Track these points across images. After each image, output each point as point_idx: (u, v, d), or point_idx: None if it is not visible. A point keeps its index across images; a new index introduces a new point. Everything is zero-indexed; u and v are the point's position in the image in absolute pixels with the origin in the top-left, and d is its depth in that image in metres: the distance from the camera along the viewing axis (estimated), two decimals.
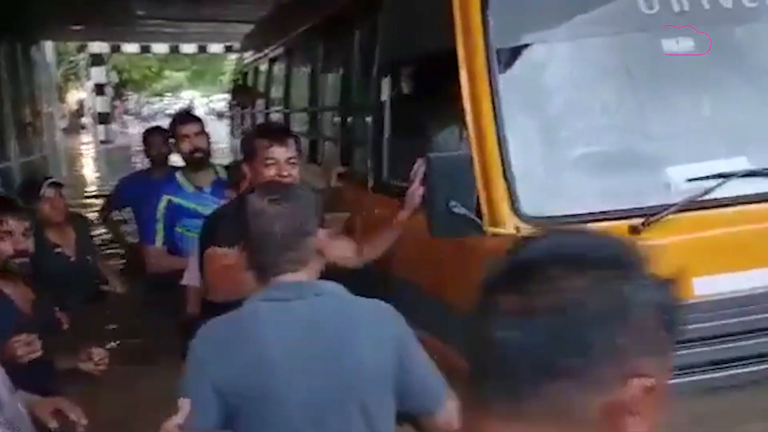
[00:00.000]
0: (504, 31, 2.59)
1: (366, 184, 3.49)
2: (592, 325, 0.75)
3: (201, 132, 3.81)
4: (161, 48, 22.48)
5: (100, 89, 22.40)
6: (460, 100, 2.65)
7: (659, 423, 0.77)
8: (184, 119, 3.94)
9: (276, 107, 6.22)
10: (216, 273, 2.68)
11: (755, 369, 2.39)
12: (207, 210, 3.32)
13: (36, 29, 13.31)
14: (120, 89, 31.57)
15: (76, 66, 25.35)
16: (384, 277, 3.06)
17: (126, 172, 4.64)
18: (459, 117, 2.78)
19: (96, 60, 22.06)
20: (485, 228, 2.38)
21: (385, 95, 3.32)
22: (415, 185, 2.88)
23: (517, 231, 2.37)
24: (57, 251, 3.97)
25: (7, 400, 1.97)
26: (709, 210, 2.45)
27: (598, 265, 0.78)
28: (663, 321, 0.80)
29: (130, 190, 4.80)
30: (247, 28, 15.35)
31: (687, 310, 2.23)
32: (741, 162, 2.53)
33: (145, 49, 22.45)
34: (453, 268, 2.61)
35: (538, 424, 0.75)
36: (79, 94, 28.05)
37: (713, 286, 2.38)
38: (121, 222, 5.32)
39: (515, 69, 2.61)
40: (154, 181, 4.24)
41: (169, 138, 4.05)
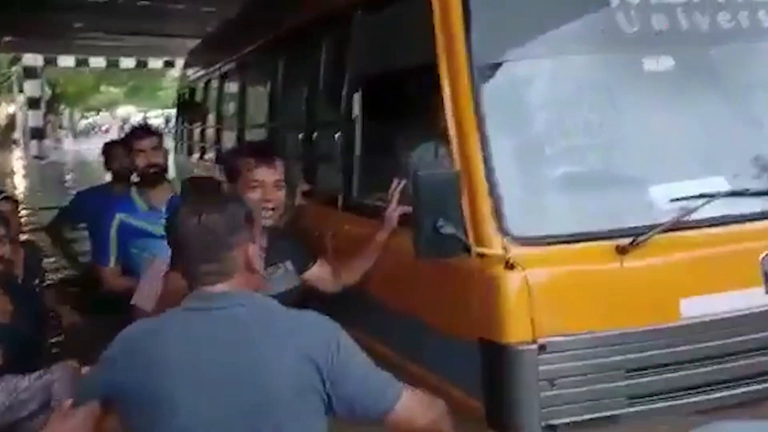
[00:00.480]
0: (487, 48, 2.54)
1: (335, 203, 3.39)
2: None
3: (158, 147, 3.64)
4: (98, 62, 21.95)
5: (33, 103, 21.72)
6: (440, 117, 2.59)
7: None
8: (140, 133, 3.76)
9: (230, 123, 6.07)
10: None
11: (745, 390, 2.37)
12: (160, 230, 3.16)
13: None
14: (53, 104, 30.69)
15: (8, 79, 24.56)
16: (361, 301, 2.96)
17: (60, 188, 4.42)
18: (439, 134, 2.72)
19: (29, 73, 21.41)
20: (473, 249, 2.31)
21: (357, 111, 3.23)
22: (394, 205, 2.81)
23: (506, 251, 2.31)
24: None
25: None
26: (695, 230, 2.44)
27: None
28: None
29: (87, 204, 4.55)
30: (190, 42, 15.10)
31: (675, 332, 2.21)
32: (724, 182, 2.53)
33: (82, 63, 21.89)
34: (437, 289, 2.53)
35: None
36: (10, 108, 27.18)
37: (701, 307, 2.37)
38: (72, 241, 5.06)
39: (499, 87, 2.56)
40: (111, 198, 4.04)
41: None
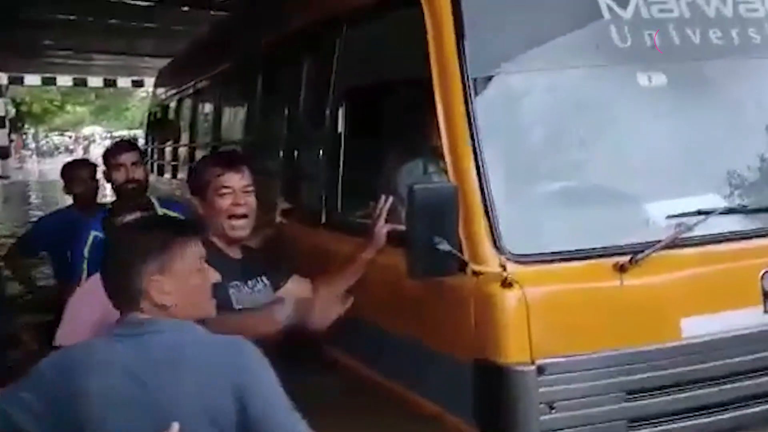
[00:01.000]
0: (481, 61, 2.47)
1: (317, 220, 3.29)
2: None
3: (138, 162, 3.52)
4: (65, 80, 21.64)
5: None
6: (432, 131, 2.52)
7: None
8: (119, 147, 3.65)
9: (204, 141, 5.95)
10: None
11: (747, 412, 2.30)
12: None
13: None
14: (17, 123, 30.17)
15: None
16: (347, 321, 2.86)
17: (24, 208, 4.23)
18: (431, 149, 2.65)
19: None
20: (471, 267, 2.22)
21: (342, 127, 3.14)
22: (382, 222, 2.72)
23: (503, 270, 2.22)
24: None
25: None
26: (694, 248, 2.39)
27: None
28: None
29: (50, 231, 4.30)
30: (160, 61, 14.94)
31: (676, 352, 2.14)
32: (723, 198, 2.48)
33: (49, 81, 21.55)
34: (429, 308, 2.44)
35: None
36: None
37: (702, 327, 2.30)
38: (32, 267, 4.84)
39: (494, 100, 2.49)
40: (81, 219, 3.86)
41: (98, 169, 3.74)
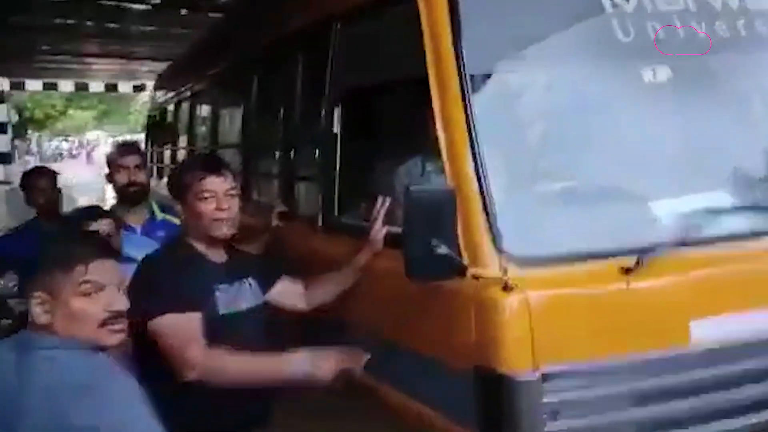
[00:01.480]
0: (478, 59, 2.39)
1: (314, 223, 3.22)
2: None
3: (140, 165, 3.53)
4: (67, 85, 21.60)
5: (0, 128, 21.28)
6: (429, 131, 2.43)
7: None
8: (123, 149, 3.66)
9: (202, 144, 5.88)
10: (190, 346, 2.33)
11: (761, 419, 2.22)
12: (137, 253, 2.98)
13: None
14: (21, 129, 30.19)
15: None
16: (343, 326, 2.79)
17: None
18: (428, 149, 2.56)
19: None
20: (471, 270, 2.13)
21: (338, 127, 3.06)
22: (379, 225, 2.65)
23: (505, 273, 2.14)
24: None
25: None
26: (703, 247, 2.30)
27: None
28: None
29: (9, 250, 3.98)
30: (159, 66, 14.89)
31: (686, 357, 2.04)
32: (732, 196, 2.40)
33: (50, 87, 21.52)
34: (428, 313, 2.35)
35: None
36: None
37: (712, 330, 2.22)
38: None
39: (493, 99, 2.40)
40: (47, 231, 3.77)
41: (57, 177, 3.69)
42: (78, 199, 8.72)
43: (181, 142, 6.86)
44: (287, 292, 2.78)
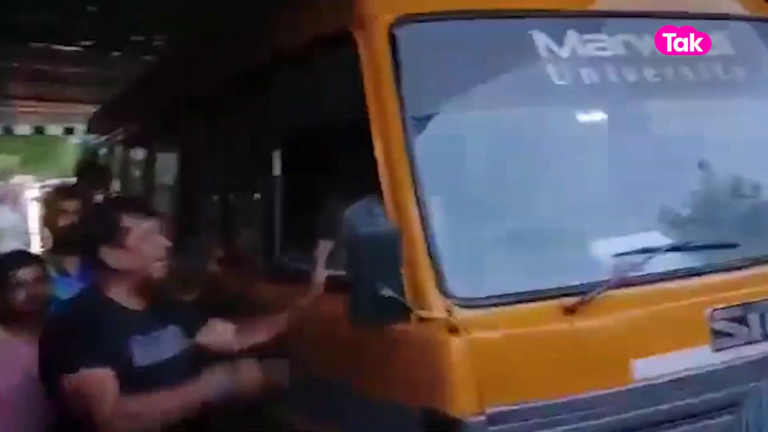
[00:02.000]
0: (419, 101, 2.43)
1: (254, 267, 3.17)
2: None
3: (79, 210, 3.45)
4: None
5: None
6: (370, 174, 2.43)
7: None
8: (63, 192, 3.68)
9: (137, 188, 5.76)
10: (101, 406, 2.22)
11: None
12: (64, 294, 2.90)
13: None
14: None
15: None
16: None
17: None
18: (371, 192, 2.56)
19: None
20: (419, 312, 2.12)
21: (278, 170, 3.04)
22: (320, 268, 2.61)
23: (449, 314, 2.13)
24: None
25: None
26: (641, 287, 2.35)
27: None
28: None
29: None
30: (90, 108, 14.57)
31: (628, 395, 2.07)
32: (668, 236, 2.47)
33: None
34: (373, 357, 2.33)
35: None
36: None
37: (652, 368, 2.25)
38: None
39: (434, 141, 2.43)
40: None
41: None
42: (4, 244, 8.40)
43: (115, 186, 6.70)
44: (216, 334, 2.67)
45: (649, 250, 2.39)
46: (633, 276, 2.33)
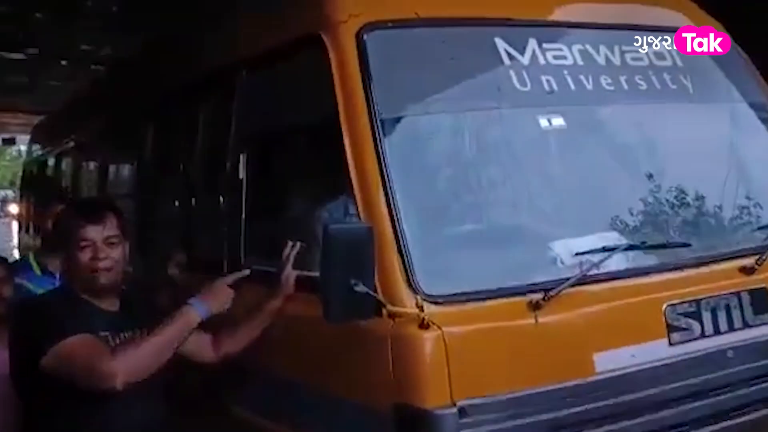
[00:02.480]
0: (388, 102, 2.48)
1: (219, 270, 3.16)
2: None
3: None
4: None
5: None
6: (339, 174, 2.48)
7: None
8: (54, 197, 3.90)
9: (91, 195, 5.68)
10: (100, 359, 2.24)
11: None
12: None
13: None
14: None
15: None
16: (253, 375, 2.73)
17: None
18: (340, 191, 2.61)
19: None
20: (388, 308, 2.17)
21: (243, 173, 3.05)
22: (289, 268, 2.64)
23: (421, 310, 2.19)
24: None
25: None
26: (602, 284, 2.44)
27: None
28: None
29: None
30: (33, 118, 14.24)
31: (591, 388, 2.15)
32: (626, 236, 2.57)
33: None
34: (344, 355, 2.36)
35: None
36: None
37: (613, 361, 2.34)
38: None
39: (403, 142, 2.49)
40: None
41: None
42: None
43: (65, 195, 6.58)
44: (194, 343, 2.62)
45: (609, 249, 2.49)
46: (594, 273, 2.42)
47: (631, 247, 2.56)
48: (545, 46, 2.78)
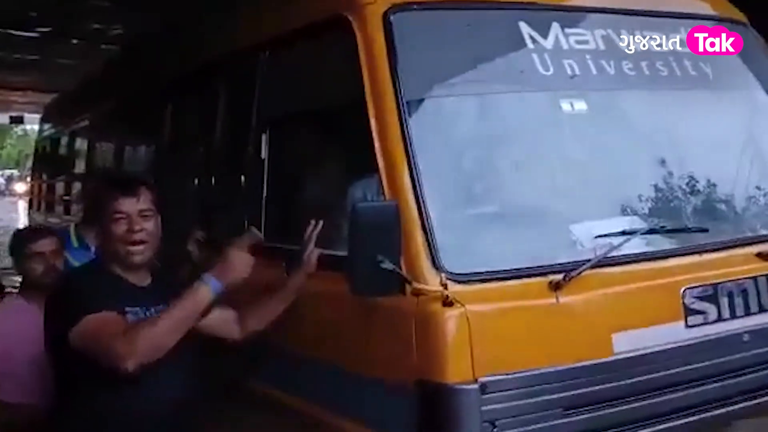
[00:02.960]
0: (414, 84, 2.52)
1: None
2: None
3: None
4: None
5: None
6: (363, 154, 2.51)
7: None
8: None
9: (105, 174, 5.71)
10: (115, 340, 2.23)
11: (677, 424, 2.39)
12: None
13: None
14: None
15: None
16: (275, 352, 2.78)
17: None
18: (360, 171, 2.65)
19: None
20: (414, 285, 2.21)
21: (265, 152, 3.09)
22: (311, 246, 2.67)
23: (445, 288, 2.23)
24: None
25: None
26: (622, 266, 2.48)
27: None
28: None
29: None
30: (41, 97, 14.23)
31: (608, 367, 2.19)
32: (645, 220, 2.60)
33: None
34: (366, 332, 2.41)
35: None
36: None
37: (631, 342, 2.38)
38: None
39: (428, 123, 2.52)
40: None
41: None
42: None
43: (80, 172, 6.63)
44: (219, 320, 2.66)
45: (628, 232, 2.52)
46: (613, 256, 2.45)
47: (650, 231, 2.59)
48: (568, 30, 2.80)
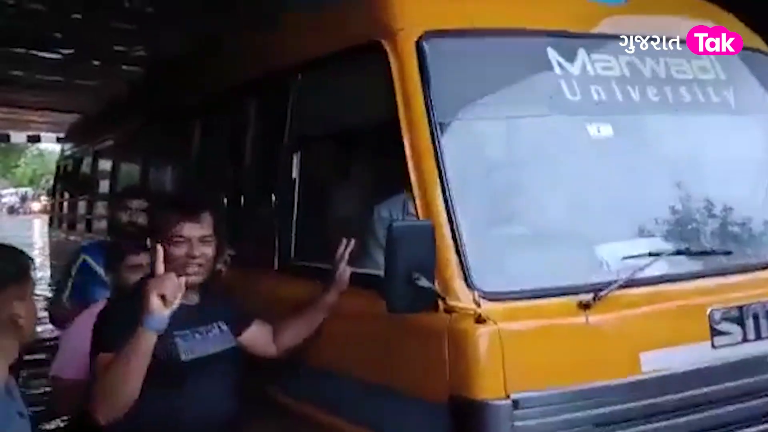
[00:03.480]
0: (446, 107, 2.59)
1: (269, 266, 3.28)
2: None
3: (144, 209, 3.75)
4: None
5: None
6: (396, 175, 2.59)
7: None
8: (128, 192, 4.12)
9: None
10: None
11: None
12: None
13: None
14: None
15: None
16: (308, 368, 2.84)
17: None
18: (393, 192, 2.72)
19: None
20: (449, 303, 2.28)
21: (296, 172, 3.17)
22: (343, 264, 2.75)
23: (477, 305, 2.29)
24: None
25: None
26: (650, 287, 2.53)
27: None
28: None
29: None
30: (59, 117, 14.37)
31: (636, 386, 2.25)
32: (672, 242, 2.66)
33: None
34: (399, 349, 2.47)
35: None
36: None
37: (658, 361, 2.43)
38: None
39: (460, 145, 2.59)
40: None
41: None
42: None
43: (102, 192, 6.74)
44: (259, 336, 2.76)
45: (655, 254, 2.58)
46: (641, 277, 2.51)
47: (676, 253, 2.65)
48: (594, 57, 2.88)
